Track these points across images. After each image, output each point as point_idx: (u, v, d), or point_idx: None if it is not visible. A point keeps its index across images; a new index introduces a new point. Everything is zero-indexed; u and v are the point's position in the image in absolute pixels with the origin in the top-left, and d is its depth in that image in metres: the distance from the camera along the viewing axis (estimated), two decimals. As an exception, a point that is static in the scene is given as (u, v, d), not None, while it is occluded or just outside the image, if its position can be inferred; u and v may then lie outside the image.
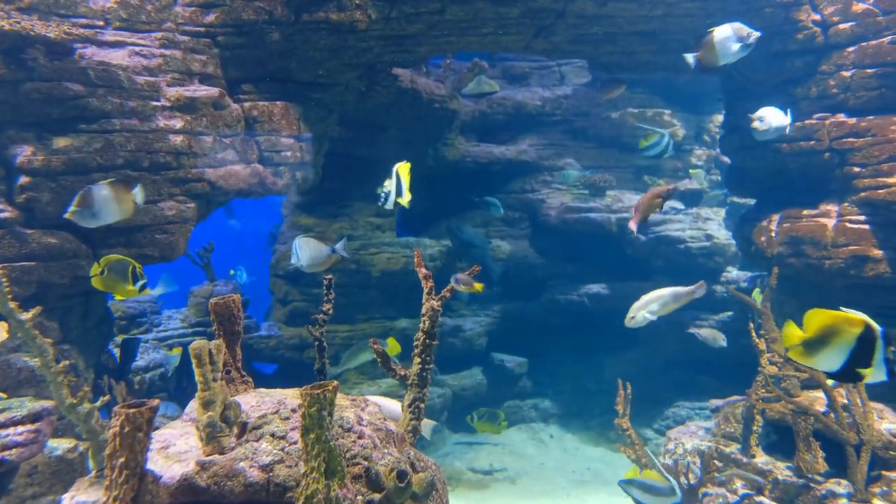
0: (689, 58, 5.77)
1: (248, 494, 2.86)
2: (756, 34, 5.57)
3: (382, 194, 5.51)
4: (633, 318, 6.01)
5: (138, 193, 5.31)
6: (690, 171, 12.09)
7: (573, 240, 11.71)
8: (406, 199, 5.52)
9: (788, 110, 6.88)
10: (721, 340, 9.32)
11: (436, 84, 10.70)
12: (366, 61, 7.71)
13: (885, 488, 5.57)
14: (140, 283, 5.30)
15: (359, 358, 9.09)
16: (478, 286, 5.81)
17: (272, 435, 3.08)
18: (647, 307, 5.95)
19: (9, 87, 5.64)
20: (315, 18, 6.71)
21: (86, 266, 6.00)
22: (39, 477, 5.17)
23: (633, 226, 6.41)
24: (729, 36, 5.60)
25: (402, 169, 5.56)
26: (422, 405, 4.00)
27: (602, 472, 9.63)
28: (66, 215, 5.07)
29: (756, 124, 6.71)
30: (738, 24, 5.62)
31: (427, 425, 5.01)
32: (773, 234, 7.82)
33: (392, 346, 8.51)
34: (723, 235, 10.93)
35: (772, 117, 6.66)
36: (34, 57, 5.67)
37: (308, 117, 7.64)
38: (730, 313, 10.55)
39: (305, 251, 5.75)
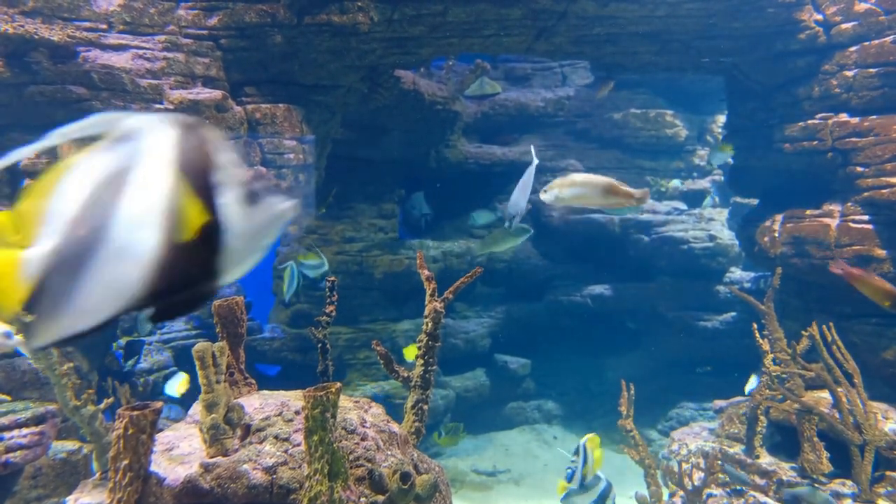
0: None
1: (252, 496, 2.87)
2: None
3: None
4: (545, 191, 5.56)
5: None
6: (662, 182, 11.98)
7: (576, 241, 11.70)
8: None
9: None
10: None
11: (438, 86, 10.71)
12: (368, 63, 7.72)
13: (889, 488, 5.55)
14: None
15: (500, 243, 8.91)
16: None
17: (275, 437, 3.09)
18: (566, 188, 5.36)
19: (13, 90, 5.66)
20: (317, 21, 6.72)
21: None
22: (43, 479, 5.18)
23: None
24: None
25: None
26: (425, 407, 4.01)
27: (606, 473, 9.60)
28: None
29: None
30: None
31: None
32: (776, 235, 7.81)
33: (413, 351, 8.50)
34: (726, 236, 10.92)
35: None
36: (38, 60, 5.69)
37: (311, 119, 7.66)
38: (733, 313, 10.54)
39: None
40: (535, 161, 6.66)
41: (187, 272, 1.39)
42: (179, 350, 9.27)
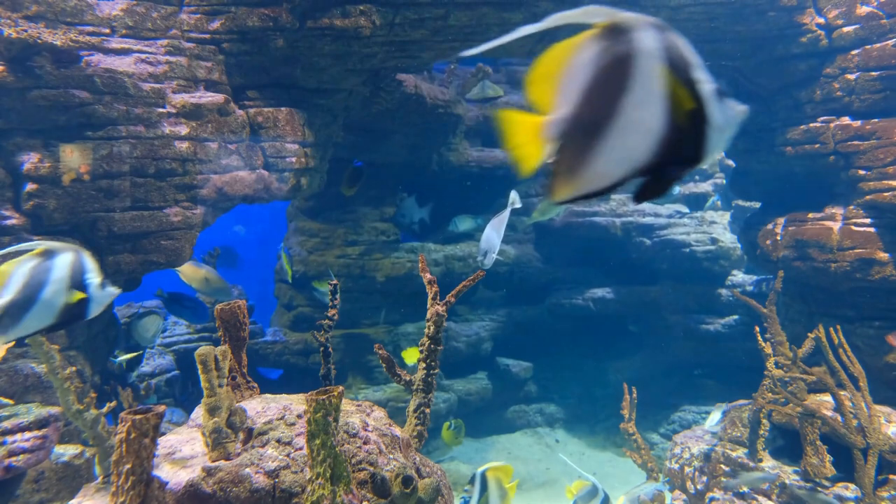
0: None
1: (254, 500, 2.87)
2: None
3: None
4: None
5: None
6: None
7: (578, 244, 11.70)
8: None
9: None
10: None
11: (440, 89, 10.72)
12: (370, 67, 7.74)
13: (892, 492, 5.53)
14: None
15: (548, 212, 8.95)
16: None
17: (278, 441, 3.09)
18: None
19: (16, 94, 5.68)
20: (319, 25, 6.74)
21: (92, 272, 6.02)
22: (46, 483, 5.18)
23: None
24: None
25: None
26: (427, 410, 4.00)
27: (608, 476, 9.60)
28: None
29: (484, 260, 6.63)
30: None
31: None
32: (778, 238, 7.80)
33: (412, 354, 8.50)
34: (728, 239, 10.91)
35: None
36: (41, 64, 5.70)
37: (313, 123, 7.67)
38: (735, 317, 10.52)
39: None
40: (511, 205, 6.70)
41: (680, 150, 1.57)
42: (181, 354, 9.28)
